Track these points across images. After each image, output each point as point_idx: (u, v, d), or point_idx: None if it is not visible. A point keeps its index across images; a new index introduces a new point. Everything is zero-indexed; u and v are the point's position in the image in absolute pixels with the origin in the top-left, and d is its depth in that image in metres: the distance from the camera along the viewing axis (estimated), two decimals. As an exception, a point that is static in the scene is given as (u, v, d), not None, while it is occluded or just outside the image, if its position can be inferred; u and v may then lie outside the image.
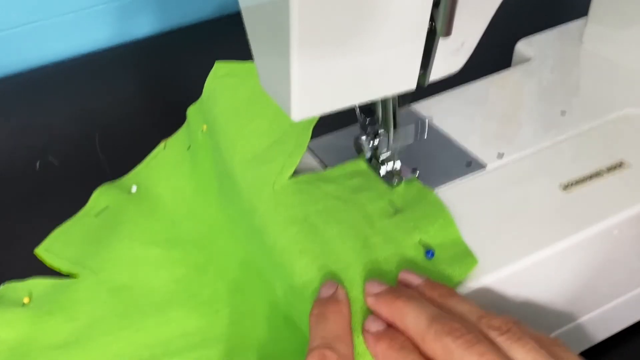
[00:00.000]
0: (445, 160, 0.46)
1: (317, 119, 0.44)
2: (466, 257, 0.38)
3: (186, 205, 0.55)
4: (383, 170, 0.43)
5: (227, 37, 0.63)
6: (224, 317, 0.45)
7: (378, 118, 0.43)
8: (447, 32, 0.32)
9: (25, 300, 0.48)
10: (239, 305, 0.46)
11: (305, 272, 0.38)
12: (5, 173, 0.63)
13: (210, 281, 0.48)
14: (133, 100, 0.73)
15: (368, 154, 0.44)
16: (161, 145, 0.60)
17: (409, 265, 0.38)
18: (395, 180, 0.43)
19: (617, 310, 0.45)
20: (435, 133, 0.48)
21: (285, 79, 0.32)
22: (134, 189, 0.57)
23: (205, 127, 0.54)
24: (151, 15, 0.85)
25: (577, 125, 0.48)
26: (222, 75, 0.54)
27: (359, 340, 0.34)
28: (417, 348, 0.32)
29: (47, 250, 0.52)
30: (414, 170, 0.44)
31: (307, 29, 0.29)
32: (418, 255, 0.39)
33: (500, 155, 0.45)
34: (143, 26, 0.85)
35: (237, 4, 0.35)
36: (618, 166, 0.44)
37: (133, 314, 0.46)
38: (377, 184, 0.44)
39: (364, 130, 0.44)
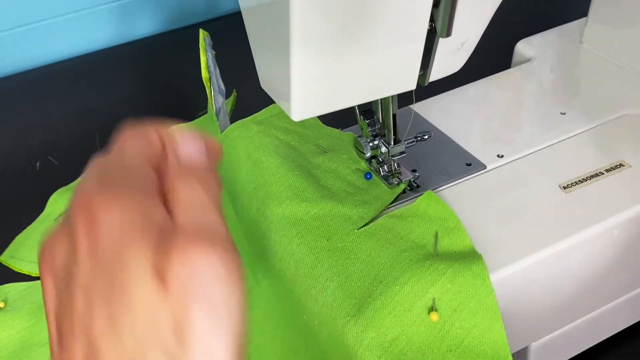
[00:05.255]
0: (445, 161, 0.46)
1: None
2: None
3: None
4: (383, 170, 0.43)
5: (227, 37, 0.63)
6: None
7: (378, 119, 0.43)
8: (447, 33, 0.32)
9: (1, 305, 0.48)
10: None
11: (263, 203, 0.41)
12: (5, 173, 0.63)
13: None
14: (133, 100, 0.73)
15: (368, 155, 0.44)
16: None
17: (353, 188, 0.42)
18: (395, 182, 0.43)
19: (617, 311, 0.45)
20: (435, 133, 0.48)
21: (286, 80, 0.32)
22: None
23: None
24: (151, 15, 0.85)
25: (577, 126, 0.48)
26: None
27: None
28: None
29: (13, 257, 0.52)
30: (413, 171, 0.44)
31: (307, 30, 0.29)
32: (358, 179, 0.43)
33: (501, 156, 0.45)
34: (143, 26, 0.85)
35: (237, 4, 0.35)
36: (618, 167, 0.44)
37: None
38: (303, 129, 0.47)
39: (363, 131, 0.44)
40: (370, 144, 0.43)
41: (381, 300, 0.35)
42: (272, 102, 0.37)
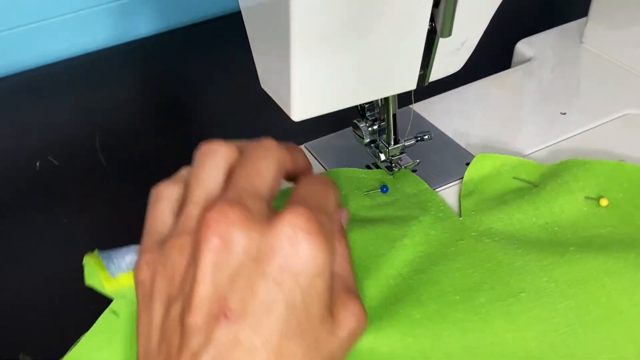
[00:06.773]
0: (445, 160, 0.46)
1: None
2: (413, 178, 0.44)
3: None
4: (382, 156, 0.43)
5: (227, 37, 0.63)
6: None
7: (377, 103, 0.43)
8: (448, 33, 0.32)
9: None
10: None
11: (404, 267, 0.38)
12: (5, 173, 0.63)
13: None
14: (133, 100, 0.73)
15: (367, 140, 0.44)
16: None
17: (394, 207, 0.42)
18: (396, 168, 0.43)
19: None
20: (436, 133, 0.48)
21: (286, 79, 0.32)
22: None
23: None
24: (151, 15, 0.85)
25: (577, 126, 0.48)
26: None
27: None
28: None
29: None
30: (414, 172, 0.44)
31: (307, 29, 0.29)
32: (382, 197, 0.43)
33: (500, 156, 0.45)
34: (143, 26, 0.85)
35: (237, 4, 0.35)
36: (618, 166, 0.44)
37: None
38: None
39: (362, 116, 0.44)
40: (370, 129, 0.43)
41: None
42: (272, 102, 0.37)
